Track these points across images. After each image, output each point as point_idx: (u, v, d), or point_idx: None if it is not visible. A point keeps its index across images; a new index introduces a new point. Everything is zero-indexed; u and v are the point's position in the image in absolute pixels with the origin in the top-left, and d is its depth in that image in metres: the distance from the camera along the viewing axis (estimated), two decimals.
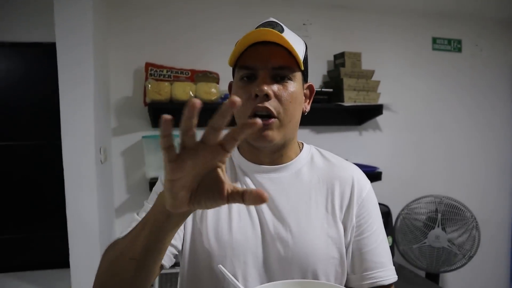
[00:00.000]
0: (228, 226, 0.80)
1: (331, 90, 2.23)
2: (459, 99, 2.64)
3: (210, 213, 0.82)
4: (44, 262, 2.08)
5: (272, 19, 0.81)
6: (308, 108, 0.88)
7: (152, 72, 2.04)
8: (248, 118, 0.75)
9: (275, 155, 0.84)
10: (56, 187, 1.92)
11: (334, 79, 2.31)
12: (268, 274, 0.78)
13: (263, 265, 0.78)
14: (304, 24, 2.38)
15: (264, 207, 0.81)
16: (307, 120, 2.32)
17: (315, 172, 0.86)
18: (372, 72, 2.30)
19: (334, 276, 0.80)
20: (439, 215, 2.19)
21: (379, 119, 2.46)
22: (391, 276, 0.82)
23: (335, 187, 0.84)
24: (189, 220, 0.83)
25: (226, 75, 2.18)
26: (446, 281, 2.57)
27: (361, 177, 0.88)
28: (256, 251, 0.78)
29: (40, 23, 2.00)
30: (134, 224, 0.74)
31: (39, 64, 2.08)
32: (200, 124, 1.83)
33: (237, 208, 0.81)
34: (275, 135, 0.77)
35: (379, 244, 0.83)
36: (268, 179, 0.84)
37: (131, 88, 2.13)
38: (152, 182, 1.97)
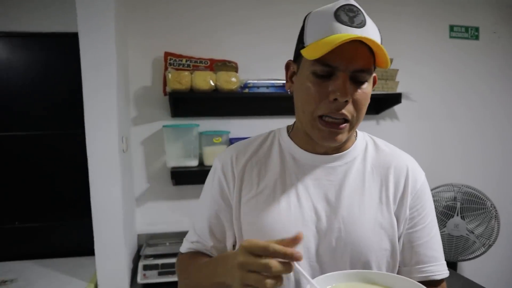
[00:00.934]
0: (277, 216, 0.79)
1: None
2: (476, 88, 2.62)
3: (259, 206, 0.81)
4: (69, 250, 2.10)
5: (352, 1, 0.73)
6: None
7: (172, 61, 2.04)
8: (319, 120, 0.74)
9: (332, 146, 0.82)
10: (78, 177, 1.93)
11: None
12: (320, 266, 0.78)
13: (315, 256, 0.78)
14: None
15: (317, 198, 0.80)
16: None
17: (368, 161, 0.84)
18: (390, 61, 2.28)
19: (386, 267, 0.79)
20: (458, 203, 2.19)
21: (397, 108, 2.45)
22: (443, 271, 0.82)
23: (390, 176, 0.82)
24: (240, 212, 0.84)
25: (244, 63, 2.18)
26: (463, 269, 2.57)
27: (416, 167, 0.86)
28: (308, 242, 0.78)
29: (60, 13, 1.99)
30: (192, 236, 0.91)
31: (60, 55, 2.08)
32: (223, 113, 1.84)
33: (288, 199, 0.80)
34: (344, 137, 0.76)
35: (432, 237, 0.82)
36: (322, 169, 0.82)
37: (150, 78, 2.13)
38: (174, 172, 1.98)
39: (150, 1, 2.11)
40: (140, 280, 1.78)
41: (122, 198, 1.73)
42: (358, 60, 0.70)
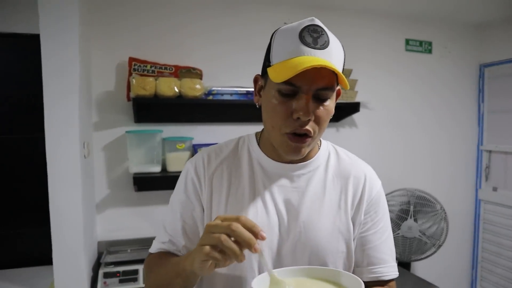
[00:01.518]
0: None
1: None
2: (429, 98, 2.78)
3: (230, 210, 0.85)
4: (26, 259, 2.03)
5: (316, 22, 0.77)
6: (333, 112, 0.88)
7: (136, 67, 2.03)
8: (286, 136, 0.79)
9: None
10: (36, 183, 1.88)
11: None
12: (281, 266, 0.82)
13: (276, 256, 0.83)
14: (285, 23, 2.42)
15: (281, 204, 0.85)
16: None
17: (330, 170, 0.90)
18: (349, 71, 2.39)
19: (342, 268, 0.85)
20: (411, 207, 2.32)
21: (355, 116, 2.56)
22: (392, 272, 0.88)
23: (349, 185, 0.89)
24: (211, 216, 0.87)
25: (209, 71, 2.21)
26: (416, 268, 2.72)
27: (373, 176, 0.93)
28: (271, 244, 0.83)
29: (21, 13, 1.94)
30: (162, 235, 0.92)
31: (20, 57, 2.02)
32: (187, 120, 1.89)
33: (255, 205, 0.85)
34: (306, 150, 0.81)
35: (383, 242, 0.89)
36: (287, 177, 0.88)
37: (113, 83, 2.11)
38: (136, 177, 1.97)
39: (115, 5, 2.09)
40: None
41: (82, 204, 1.70)
42: (320, 80, 0.74)
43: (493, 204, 2.84)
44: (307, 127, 0.77)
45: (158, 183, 2.08)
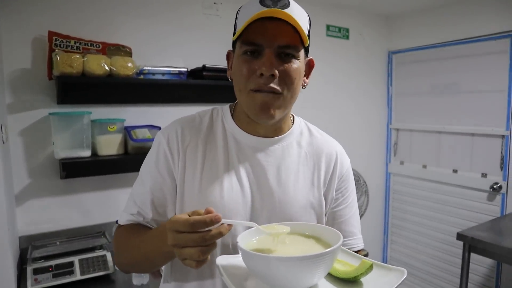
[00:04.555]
0: (220, 195, 0.83)
1: None
2: (346, 81, 3.01)
3: (204, 185, 0.84)
4: None
5: None
6: (307, 82, 0.89)
7: (58, 42, 1.84)
8: (251, 92, 0.80)
9: (271, 127, 0.88)
10: None
11: None
12: None
13: None
14: (214, 3, 2.40)
15: (255, 179, 0.86)
16: (219, 97, 2.38)
17: (303, 147, 0.92)
18: None
19: None
20: None
21: None
22: (360, 243, 0.95)
23: (322, 163, 0.92)
24: (184, 190, 0.86)
25: (138, 49, 2.10)
26: None
27: (343, 154, 0.97)
28: (245, 217, 0.84)
29: None
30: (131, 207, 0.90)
31: None
32: (117, 101, 1.81)
33: (230, 180, 0.85)
34: (277, 112, 0.81)
35: (352, 216, 0.95)
36: (262, 151, 0.88)
37: (29, 59, 1.87)
38: (65, 163, 1.81)
39: None
40: (31, 286, 1.58)
41: (5, 196, 1.51)
42: (281, 37, 0.76)
43: (400, 176, 3.22)
44: (273, 84, 0.77)
45: (88, 168, 1.94)
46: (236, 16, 0.85)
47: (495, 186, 2.57)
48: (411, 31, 3.03)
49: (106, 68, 1.84)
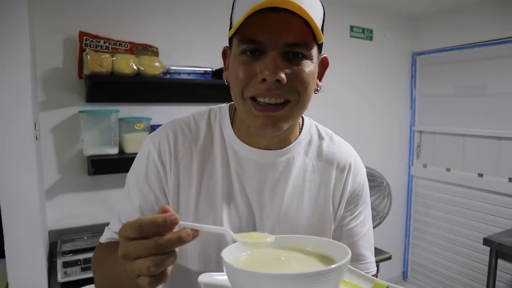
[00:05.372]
0: (219, 218, 0.74)
1: None
2: (369, 82, 2.99)
3: (201, 207, 0.74)
4: None
5: None
6: (320, 86, 0.74)
7: (88, 42, 1.89)
8: (250, 102, 0.65)
9: (274, 138, 0.74)
10: None
11: None
12: None
13: None
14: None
15: (256, 201, 0.75)
16: (230, 97, 2.40)
17: (311, 159, 0.79)
18: None
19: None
20: None
21: None
22: (371, 268, 0.81)
23: (331, 177, 0.79)
24: (178, 211, 0.74)
25: (165, 49, 2.13)
26: None
27: (357, 164, 0.83)
28: None
29: None
30: (114, 223, 0.76)
31: None
32: (144, 100, 1.81)
33: (229, 200, 0.75)
34: (284, 125, 0.67)
35: (362, 236, 0.80)
36: (264, 166, 0.75)
37: (60, 59, 1.93)
38: (93, 160, 1.86)
39: None
40: (60, 278, 1.64)
41: (38, 190, 1.56)
42: (288, 32, 0.61)
43: (423, 179, 3.17)
44: (278, 91, 0.63)
45: (115, 165, 1.98)
46: (233, 7, 0.68)
47: None
48: (436, 32, 2.98)
49: (134, 67, 1.88)
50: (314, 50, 0.66)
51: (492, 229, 2.60)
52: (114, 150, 1.96)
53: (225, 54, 0.74)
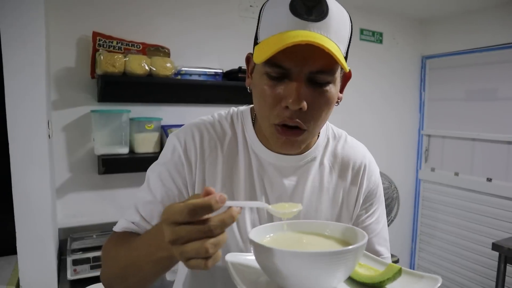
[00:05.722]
0: (242, 220, 0.77)
1: None
2: (378, 85, 2.98)
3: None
4: None
5: None
6: (341, 97, 0.76)
7: (101, 42, 1.90)
8: (274, 127, 0.69)
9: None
10: None
11: None
12: None
13: None
14: (251, 6, 2.43)
15: (275, 200, 0.78)
16: (239, 99, 2.41)
17: (328, 160, 0.83)
18: None
19: None
20: None
21: None
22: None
23: (347, 177, 0.83)
24: None
25: (176, 49, 2.15)
26: None
27: (372, 165, 0.86)
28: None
29: None
30: (134, 216, 0.76)
31: None
32: (155, 100, 1.81)
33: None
34: (301, 145, 0.72)
35: (377, 234, 0.84)
36: (283, 170, 0.78)
37: (73, 58, 1.95)
38: (104, 159, 1.87)
39: None
40: (70, 276, 1.65)
41: (50, 188, 1.58)
42: (314, 60, 0.62)
43: (431, 183, 3.15)
44: (298, 119, 0.66)
45: (126, 165, 2.00)
46: (260, 17, 0.69)
47: None
48: (446, 36, 2.98)
49: (146, 68, 1.90)
50: (338, 72, 0.68)
51: (501, 234, 2.58)
52: (125, 150, 1.97)
53: (248, 60, 0.76)
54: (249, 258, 0.65)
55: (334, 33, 0.62)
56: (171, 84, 2.05)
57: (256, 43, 0.69)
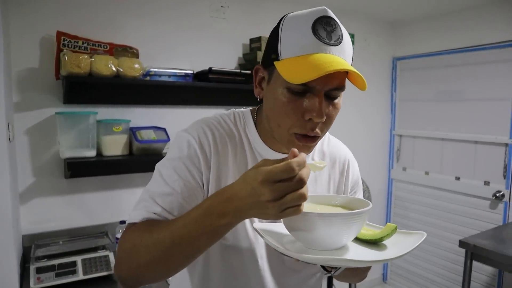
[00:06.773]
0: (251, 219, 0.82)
1: (249, 72, 2.34)
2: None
3: None
4: None
5: (329, 13, 0.72)
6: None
7: (66, 42, 1.85)
8: (295, 136, 0.74)
9: None
10: None
11: (250, 62, 2.42)
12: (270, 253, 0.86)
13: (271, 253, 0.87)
14: (222, 7, 2.41)
15: None
16: (224, 100, 2.40)
17: (317, 158, 0.93)
18: None
19: None
20: None
21: None
22: None
23: (336, 170, 0.94)
24: None
25: (146, 51, 2.11)
26: None
27: (353, 159, 0.99)
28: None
29: None
30: (152, 206, 0.77)
31: None
32: (123, 101, 1.79)
33: None
34: (312, 149, 0.78)
35: None
36: None
37: (37, 59, 1.88)
38: (70, 163, 1.81)
39: None
40: (33, 285, 1.59)
41: (10, 194, 1.51)
42: (333, 80, 0.70)
43: (402, 182, 3.21)
44: (318, 129, 0.73)
45: (93, 168, 1.95)
46: (279, 34, 0.73)
47: (497, 194, 2.57)
48: (416, 37, 3.04)
49: (113, 69, 1.85)
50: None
51: (468, 231, 2.66)
52: (92, 153, 1.92)
53: (257, 72, 0.80)
54: (275, 224, 0.78)
55: (348, 55, 0.73)
56: (140, 85, 2.01)
57: (276, 58, 0.72)
